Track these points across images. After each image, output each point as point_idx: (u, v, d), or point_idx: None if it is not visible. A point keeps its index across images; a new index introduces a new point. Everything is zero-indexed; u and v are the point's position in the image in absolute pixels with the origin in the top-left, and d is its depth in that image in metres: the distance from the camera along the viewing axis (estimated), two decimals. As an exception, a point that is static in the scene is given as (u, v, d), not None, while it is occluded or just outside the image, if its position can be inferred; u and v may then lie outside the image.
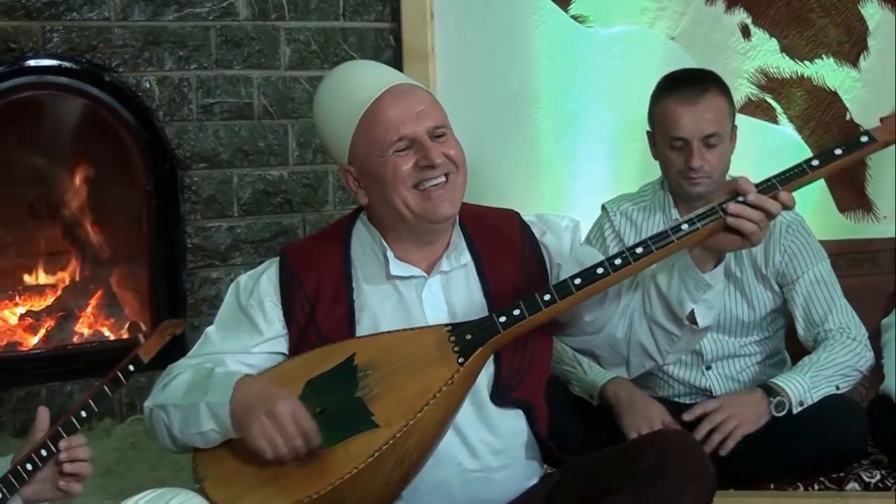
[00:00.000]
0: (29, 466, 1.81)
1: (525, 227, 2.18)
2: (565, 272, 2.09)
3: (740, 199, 2.02)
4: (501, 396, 2.08)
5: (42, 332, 3.48)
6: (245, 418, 1.93)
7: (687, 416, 2.55)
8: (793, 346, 2.84)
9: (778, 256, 2.71)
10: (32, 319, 3.49)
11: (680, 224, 2.03)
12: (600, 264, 2.01)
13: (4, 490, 1.80)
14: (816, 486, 2.60)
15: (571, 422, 2.57)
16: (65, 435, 1.85)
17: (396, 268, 2.08)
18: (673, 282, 2.07)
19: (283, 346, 2.09)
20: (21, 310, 3.52)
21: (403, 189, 2.02)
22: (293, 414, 1.92)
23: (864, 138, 2.09)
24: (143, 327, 1.99)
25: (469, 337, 1.99)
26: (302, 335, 2.07)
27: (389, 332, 2.04)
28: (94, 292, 3.60)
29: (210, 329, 2.14)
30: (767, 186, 2.05)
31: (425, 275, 2.09)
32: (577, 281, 2.00)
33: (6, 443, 3.15)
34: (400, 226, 2.07)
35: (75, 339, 3.51)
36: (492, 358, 2.05)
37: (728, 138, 2.70)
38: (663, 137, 2.69)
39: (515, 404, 2.09)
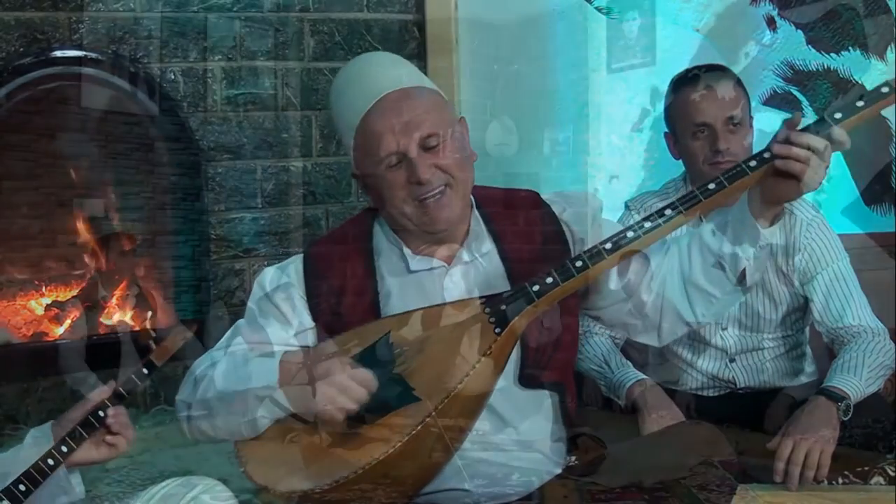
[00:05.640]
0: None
1: (545, 206, 2.17)
2: (591, 242, 2.07)
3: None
4: (529, 379, 2.08)
5: (67, 322, 3.49)
6: (304, 394, 1.95)
7: (778, 479, 2.50)
8: (816, 341, 2.83)
9: (798, 255, 2.70)
10: (58, 310, 3.51)
11: (722, 176, 2.00)
12: (630, 228, 2.01)
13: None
14: (841, 480, 2.58)
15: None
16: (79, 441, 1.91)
17: (416, 263, 2.09)
18: (726, 240, 2.04)
19: (311, 338, 2.10)
20: (47, 300, 3.54)
21: (400, 203, 2.04)
22: (348, 372, 1.94)
23: (886, 89, 2.02)
24: (153, 334, 2.02)
25: (504, 307, 2.00)
26: (330, 330, 2.08)
27: (422, 308, 2.05)
28: (118, 283, 3.62)
29: (240, 321, 2.15)
30: (818, 122, 2.00)
31: (445, 265, 2.09)
32: (608, 246, 2.00)
33: (32, 431, 3.16)
34: (409, 228, 2.08)
35: (100, 329, 3.52)
36: (518, 341, 2.05)
37: (748, 125, 2.70)
38: (685, 129, 2.69)
39: (546, 386, 2.09)
